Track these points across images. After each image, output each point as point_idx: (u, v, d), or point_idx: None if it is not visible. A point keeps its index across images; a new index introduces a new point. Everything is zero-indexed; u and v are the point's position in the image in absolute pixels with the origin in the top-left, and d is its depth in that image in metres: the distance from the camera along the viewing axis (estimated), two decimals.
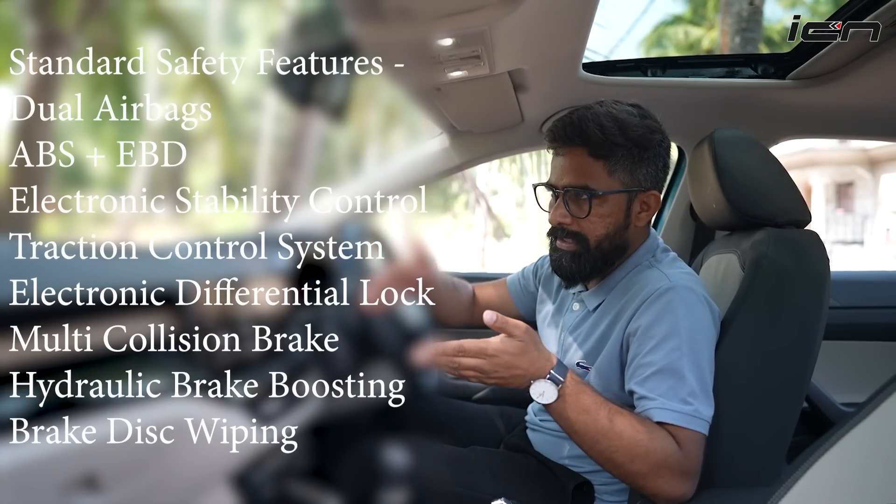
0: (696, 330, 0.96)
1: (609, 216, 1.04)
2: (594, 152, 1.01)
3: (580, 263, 1.06)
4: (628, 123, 1.01)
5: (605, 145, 1.01)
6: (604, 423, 0.89)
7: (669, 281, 1.00)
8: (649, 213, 1.07)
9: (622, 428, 0.89)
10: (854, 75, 1.31)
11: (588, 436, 0.89)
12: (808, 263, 1.07)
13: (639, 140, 1.02)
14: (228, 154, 9.34)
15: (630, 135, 1.01)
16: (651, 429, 0.90)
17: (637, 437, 0.88)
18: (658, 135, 1.05)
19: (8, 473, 0.55)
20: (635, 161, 1.02)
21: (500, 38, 0.98)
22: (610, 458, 0.89)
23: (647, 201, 1.06)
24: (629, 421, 0.90)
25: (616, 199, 1.03)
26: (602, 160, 1.01)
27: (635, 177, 1.03)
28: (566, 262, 1.07)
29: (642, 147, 1.02)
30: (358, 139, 11.37)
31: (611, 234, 1.05)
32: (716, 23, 13.98)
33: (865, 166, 16.68)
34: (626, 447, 0.88)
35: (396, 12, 0.84)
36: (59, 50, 6.09)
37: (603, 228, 1.04)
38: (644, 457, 0.87)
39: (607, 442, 0.88)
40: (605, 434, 0.88)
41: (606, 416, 0.89)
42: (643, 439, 0.88)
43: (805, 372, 1.03)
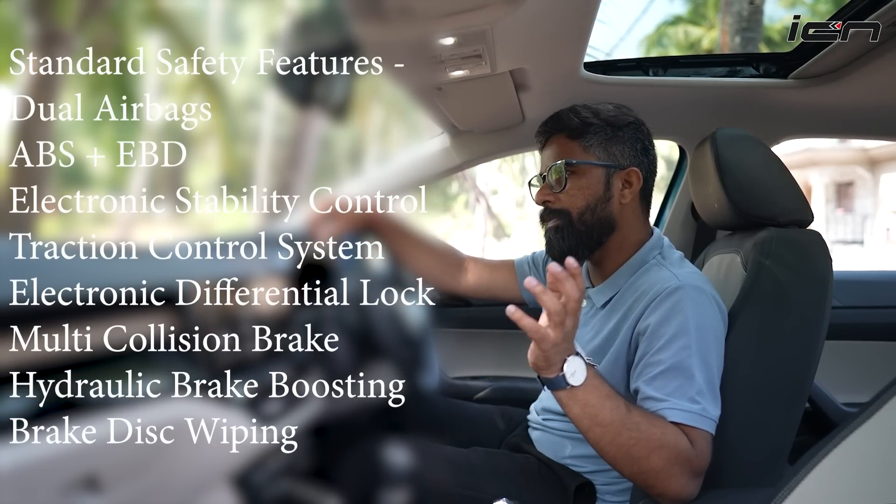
0: (705, 329, 0.96)
1: (587, 188, 1.09)
2: (571, 134, 1.11)
3: (564, 236, 1.10)
4: (601, 108, 1.12)
5: (580, 127, 1.10)
6: (624, 411, 0.86)
7: (678, 280, 1.00)
8: (632, 190, 1.11)
9: (639, 419, 0.87)
10: (856, 75, 1.30)
11: (612, 426, 0.85)
12: (810, 263, 1.07)
13: (610, 119, 1.11)
14: (228, 154, 9.34)
15: (602, 115, 1.11)
16: (663, 423, 0.89)
17: (652, 430, 0.87)
18: (631, 118, 1.13)
19: (8, 474, 0.54)
20: (609, 138, 1.10)
21: (502, 38, 0.97)
22: (629, 451, 0.86)
23: (629, 179, 1.11)
24: (643, 413, 0.89)
25: (593, 172, 1.10)
26: (577, 139, 1.11)
27: (611, 153, 1.10)
28: (554, 239, 1.11)
29: (614, 126, 1.11)
30: (358, 139, 11.37)
31: (591, 206, 1.09)
32: (716, 22, 13.98)
33: (865, 166, 16.69)
34: (645, 439, 0.86)
35: (398, 11, 0.84)
36: (59, 50, 6.09)
37: (583, 200, 1.09)
38: (659, 451, 0.86)
39: (628, 434, 0.85)
40: (626, 424, 0.86)
41: (625, 405, 0.87)
42: (658, 432, 0.87)
43: (808, 372, 1.02)
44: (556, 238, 1.11)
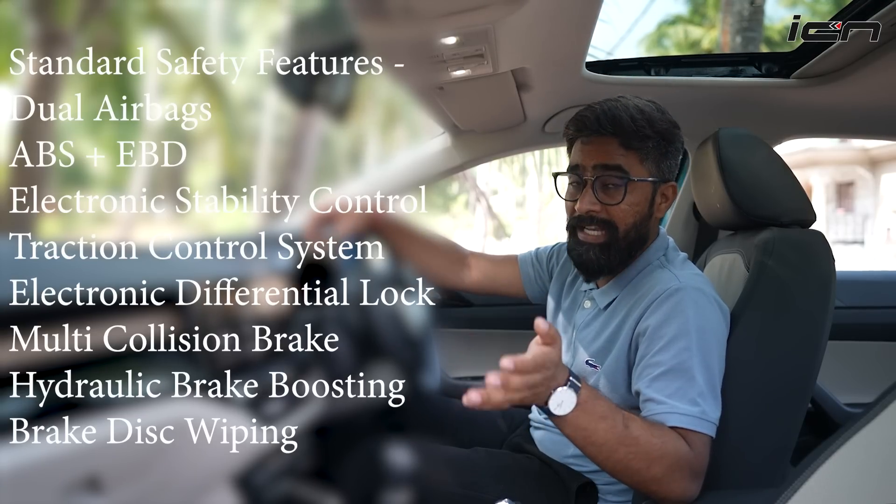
0: (705, 330, 0.95)
1: (638, 204, 1.04)
2: (625, 142, 1.02)
3: (609, 255, 1.05)
4: (654, 117, 1.04)
5: (636, 136, 1.02)
6: (620, 429, 0.86)
7: (679, 281, 0.99)
8: (667, 204, 1.09)
9: (638, 433, 0.87)
10: (858, 74, 1.30)
11: (607, 445, 0.85)
12: (813, 264, 1.06)
13: (664, 133, 1.04)
14: (228, 154, 9.35)
15: (657, 127, 1.03)
16: (663, 431, 0.89)
17: (652, 440, 0.87)
18: (678, 130, 1.07)
19: (9, 474, 0.54)
20: (662, 153, 1.05)
21: (504, 37, 0.97)
22: (628, 465, 0.86)
23: (666, 193, 1.08)
24: (642, 425, 0.88)
25: (644, 189, 1.04)
26: (633, 150, 1.03)
27: (661, 168, 1.05)
28: (594, 254, 1.05)
29: (668, 140, 1.05)
30: (358, 139, 11.37)
31: (637, 223, 1.05)
32: (716, 22, 13.98)
33: (866, 166, 16.69)
34: (644, 452, 0.86)
35: (400, 11, 0.83)
36: (59, 50, 6.09)
37: (632, 217, 1.04)
38: (660, 460, 0.86)
39: (625, 449, 0.86)
40: (622, 441, 0.86)
41: (622, 422, 0.86)
42: (657, 443, 0.87)
43: (811, 372, 1.02)
44: (600, 256, 1.05)
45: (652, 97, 1.10)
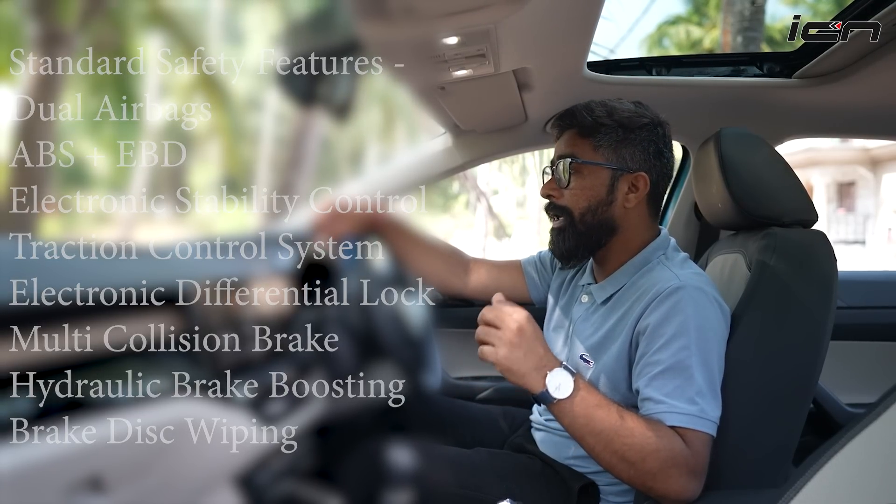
0: (705, 329, 0.96)
1: (590, 189, 1.08)
2: (582, 131, 1.09)
3: (565, 237, 1.11)
4: (617, 108, 1.09)
5: (591, 125, 1.08)
6: (616, 418, 0.88)
7: (679, 280, 0.99)
8: (638, 195, 1.09)
9: (633, 425, 0.88)
10: (860, 74, 1.30)
11: (603, 434, 0.88)
12: (815, 264, 1.06)
13: (623, 121, 1.08)
14: (229, 154, 9.35)
15: (616, 116, 1.08)
16: (658, 427, 0.89)
17: (647, 433, 0.88)
18: (647, 120, 1.09)
19: (10, 474, 0.54)
20: (619, 140, 1.08)
21: (506, 37, 0.97)
22: (623, 457, 0.88)
23: (636, 183, 1.09)
24: (637, 418, 0.90)
25: (598, 173, 1.08)
26: (588, 138, 1.09)
27: (620, 155, 1.08)
28: (554, 237, 1.13)
29: (626, 128, 1.08)
30: (358, 139, 11.37)
31: (592, 207, 1.08)
32: (717, 22, 13.98)
33: (867, 166, 16.69)
34: (639, 444, 0.87)
35: (402, 11, 0.83)
36: (59, 50, 6.09)
37: (584, 201, 1.09)
38: (654, 454, 0.87)
39: (620, 440, 0.87)
40: (618, 431, 0.88)
41: (617, 412, 0.89)
42: (652, 436, 0.87)
43: (812, 373, 1.02)
44: (559, 239, 1.12)
45: (653, 97, 1.11)
